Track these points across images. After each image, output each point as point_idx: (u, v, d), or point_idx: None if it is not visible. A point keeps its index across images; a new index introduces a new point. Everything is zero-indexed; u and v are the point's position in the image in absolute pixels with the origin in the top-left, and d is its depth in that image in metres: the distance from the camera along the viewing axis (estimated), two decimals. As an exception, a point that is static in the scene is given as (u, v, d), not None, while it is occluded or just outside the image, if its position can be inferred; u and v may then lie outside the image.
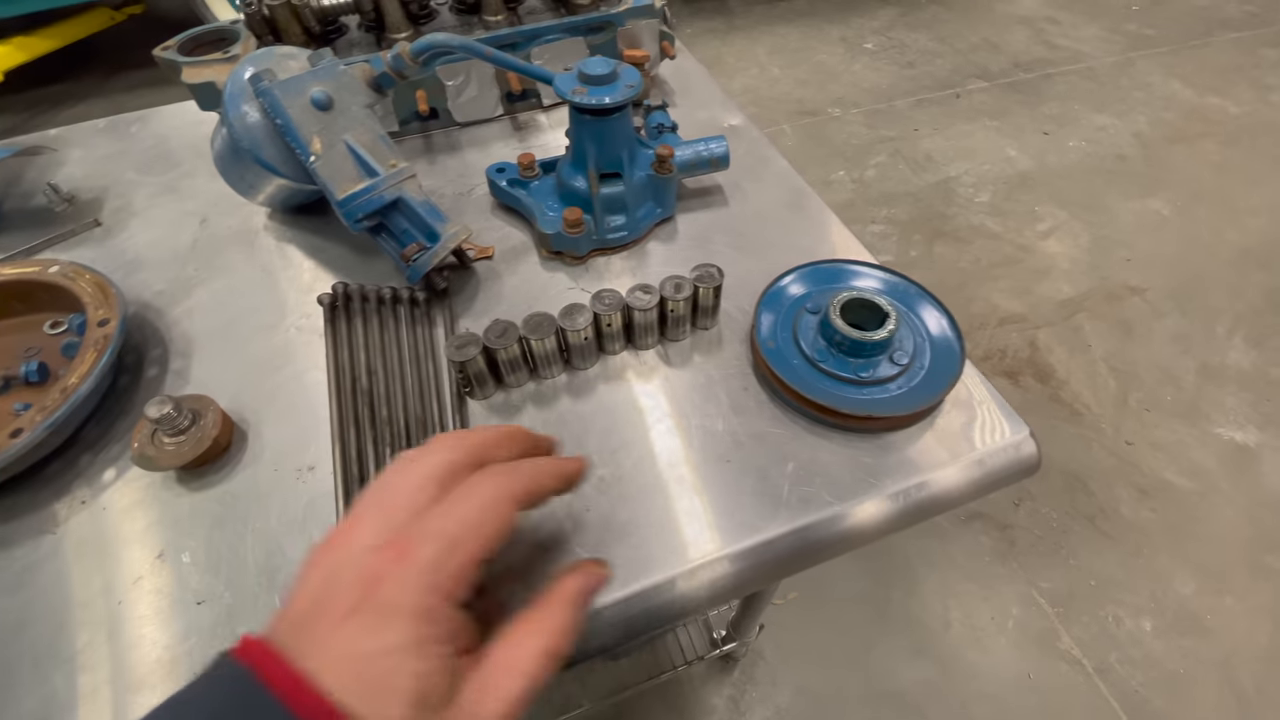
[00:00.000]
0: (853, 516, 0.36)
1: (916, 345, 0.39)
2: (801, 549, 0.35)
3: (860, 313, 0.39)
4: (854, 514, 0.36)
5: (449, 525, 0.22)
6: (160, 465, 0.37)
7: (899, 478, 0.36)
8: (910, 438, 0.38)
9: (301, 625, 0.21)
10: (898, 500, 0.36)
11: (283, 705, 0.18)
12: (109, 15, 2.46)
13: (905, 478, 0.36)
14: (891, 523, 0.36)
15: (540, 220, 0.48)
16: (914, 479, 0.36)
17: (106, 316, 0.43)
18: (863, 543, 0.36)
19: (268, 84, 0.39)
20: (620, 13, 0.58)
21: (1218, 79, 2.30)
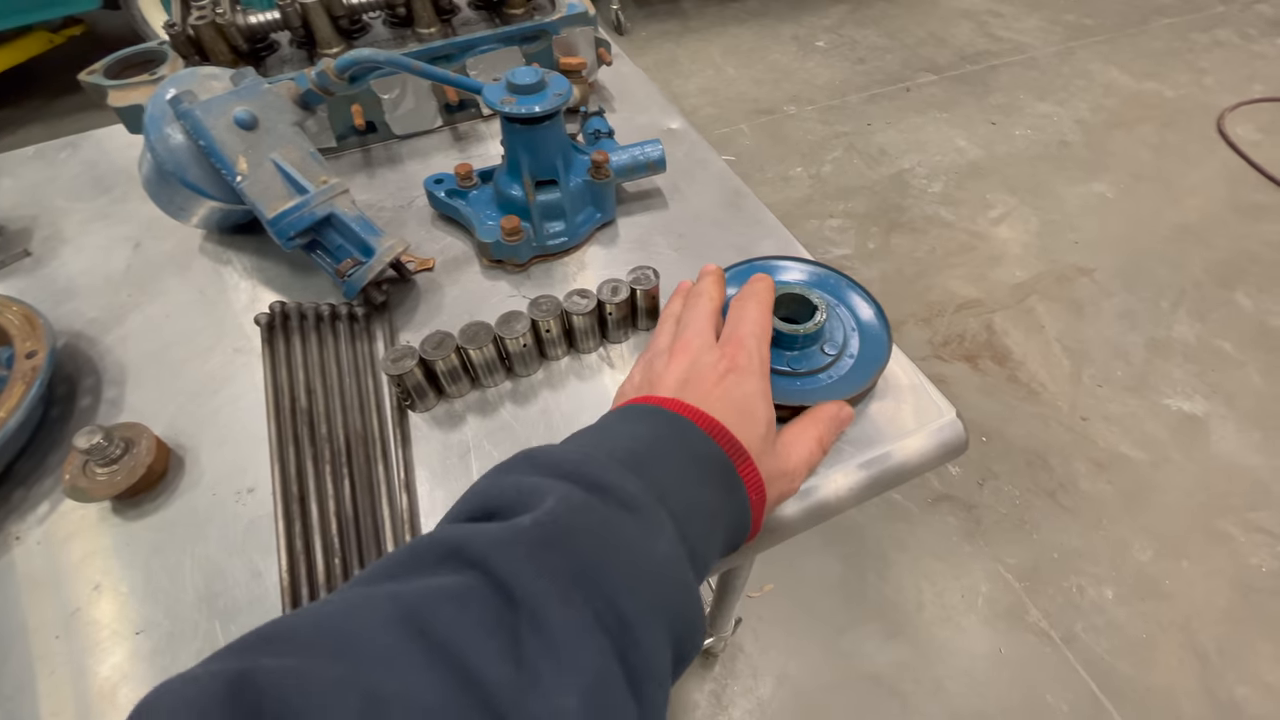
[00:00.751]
0: (816, 492, 0.37)
1: (845, 335, 0.40)
2: (770, 524, 0.36)
3: (792, 306, 0.40)
4: (819, 488, 0.37)
5: (752, 328, 0.34)
6: (94, 496, 0.36)
7: (854, 452, 0.38)
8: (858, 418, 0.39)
9: (682, 390, 0.31)
10: (859, 473, 0.37)
11: (692, 423, 0.29)
12: (48, 38, 2.39)
13: (831, 465, 0.38)
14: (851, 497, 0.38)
15: (479, 230, 0.48)
16: (845, 464, 0.38)
17: (34, 348, 0.42)
18: (825, 517, 0.37)
19: (188, 105, 0.39)
20: (554, 21, 0.58)
21: (1154, 64, 2.39)
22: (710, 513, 0.27)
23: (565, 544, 0.22)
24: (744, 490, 0.28)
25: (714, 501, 0.28)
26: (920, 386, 0.41)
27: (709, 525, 0.27)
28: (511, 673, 0.19)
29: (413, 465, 0.38)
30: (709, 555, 0.27)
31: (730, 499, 0.28)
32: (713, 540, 0.27)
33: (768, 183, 1.98)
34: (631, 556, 0.23)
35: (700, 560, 0.26)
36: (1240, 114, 2.13)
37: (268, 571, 0.34)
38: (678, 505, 0.26)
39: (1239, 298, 1.61)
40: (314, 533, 0.35)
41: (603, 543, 0.23)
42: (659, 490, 0.25)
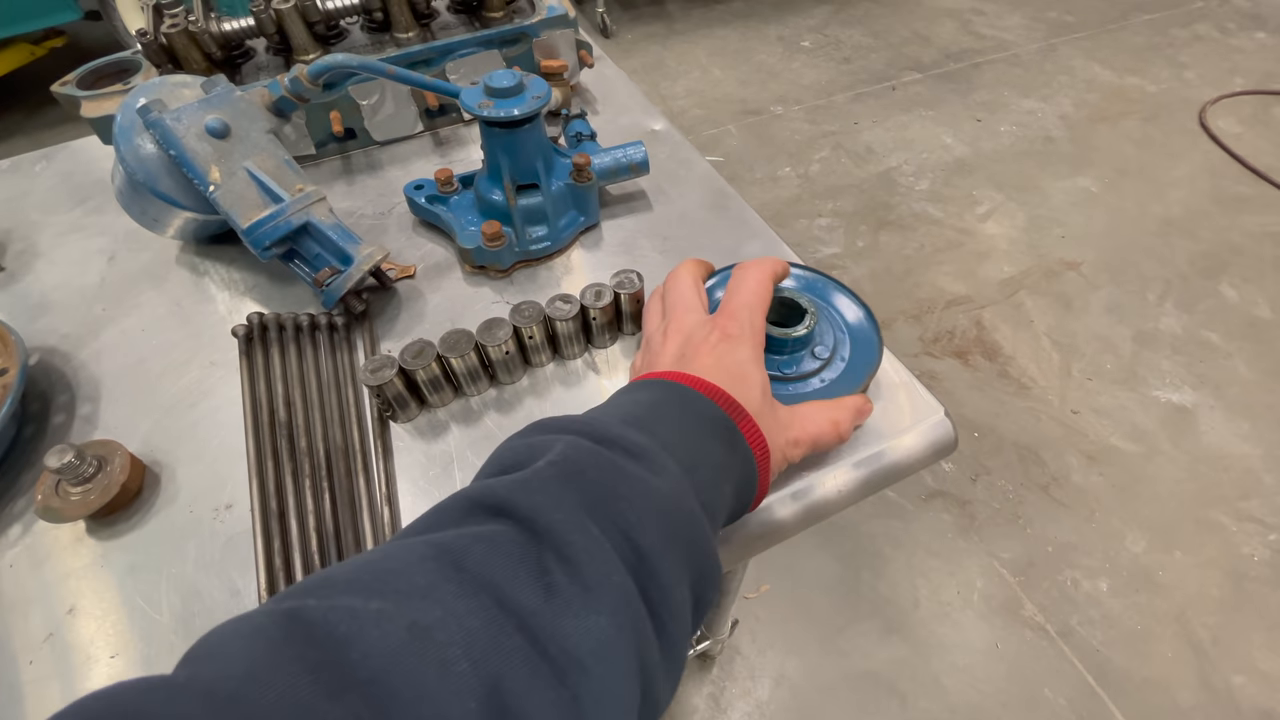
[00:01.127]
0: (809, 494, 0.37)
1: (836, 338, 0.40)
2: (768, 525, 0.36)
3: (781, 311, 0.39)
4: (811, 490, 0.36)
5: (746, 298, 0.34)
6: (66, 516, 0.35)
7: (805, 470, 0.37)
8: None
9: (679, 361, 0.33)
10: (800, 498, 0.37)
11: (693, 389, 0.30)
12: (29, 50, 2.36)
13: (825, 465, 0.37)
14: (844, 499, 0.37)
15: (460, 235, 0.47)
16: (839, 464, 0.37)
17: (5, 366, 0.41)
18: (822, 516, 0.37)
19: (157, 114, 0.38)
20: (534, 24, 0.58)
21: (1135, 60, 2.42)
22: (717, 464, 0.28)
23: (578, 480, 0.23)
24: (747, 446, 0.29)
25: (719, 456, 0.28)
26: (910, 385, 0.41)
27: (717, 476, 0.28)
28: (542, 597, 0.20)
29: (394, 477, 0.37)
30: (718, 506, 0.28)
31: (734, 455, 0.29)
32: (722, 493, 0.28)
33: (756, 183, 1.98)
34: (642, 494, 0.24)
35: (710, 509, 0.27)
36: (1221, 107, 2.15)
37: (246, 590, 0.34)
38: (684, 456, 0.27)
39: (1224, 289, 1.62)
40: (294, 549, 0.34)
41: (613, 481, 0.24)
42: (664, 443, 0.26)
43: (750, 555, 0.38)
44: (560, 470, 0.23)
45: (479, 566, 0.20)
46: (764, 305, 0.35)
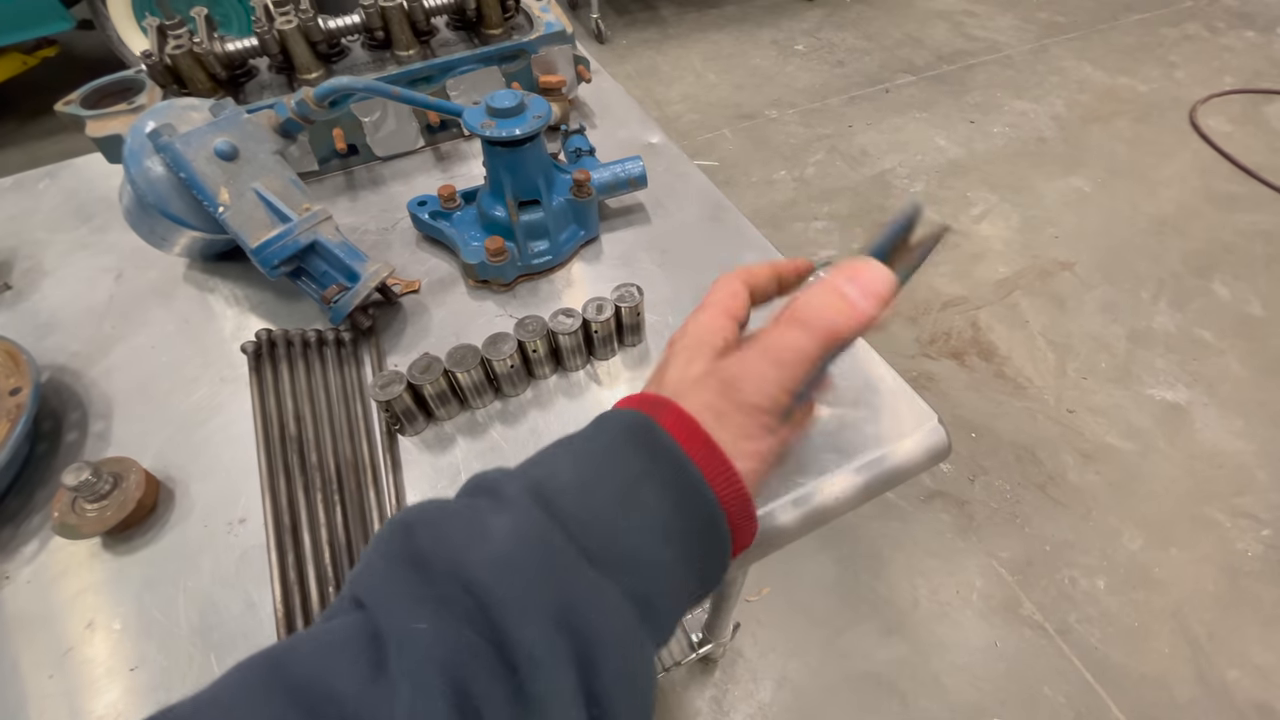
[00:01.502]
0: (809, 500, 0.37)
1: None
2: (768, 533, 0.37)
3: None
4: (811, 496, 0.37)
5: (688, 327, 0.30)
6: (83, 533, 0.36)
7: (805, 476, 0.38)
8: (824, 432, 0.40)
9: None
10: (855, 477, 0.38)
11: (617, 408, 0.26)
12: (21, 61, 2.36)
13: (826, 472, 0.38)
14: (843, 504, 0.38)
15: (464, 251, 0.48)
16: (839, 470, 0.38)
17: (18, 385, 0.41)
18: (823, 521, 0.38)
19: (168, 139, 0.39)
20: (533, 40, 0.59)
21: (1126, 59, 2.44)
22: (617, 480, 0.24)
23: (411, 546, 0.21)
24: (668, 439, 0.24)
25: (628, 468, 0.24)
26: (904, 391, 0.42)
27: (617, 492, 0.23)
28: (368, 685, 0.18)
29: (404, 490, 0.38)
30: (616, 531, 0.23)
31: (653, 463, 0.24)
32: (635, 507, 0.23)
33: (752, 187, 1.99)
34: (472, 535, 0.21)
35: (596, 536, 0.22)
36: (1211, 106, 2.17)
37: (262, 602, 0.35)
38: (553, 484, 0.23)
39: (1216, 287, 1.64)
40: (307, 562, 0.35)
41: (447, 531, 0.21)
42: (530, 474, 0.24)
43: (751, 562, 0.39)
44: (396, 548, 0.22)
45: (301, 666, 0.19)
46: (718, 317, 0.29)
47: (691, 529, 0.24)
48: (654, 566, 0.23)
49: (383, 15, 0.55)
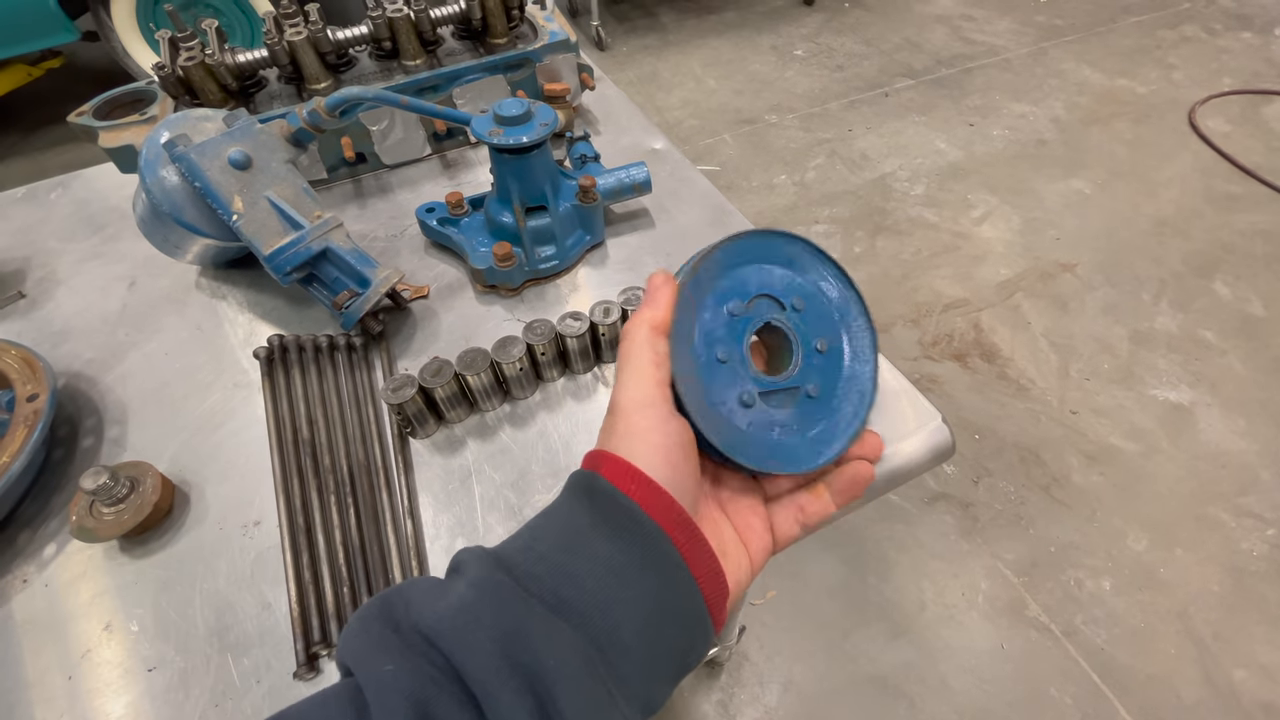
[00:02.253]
0: None
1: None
2: None
3: (774, 340, 0.33)
4: None
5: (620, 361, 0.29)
6: (101, 536, 0.37)
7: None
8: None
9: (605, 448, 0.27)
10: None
11: (604, 478, 0.25)
12: (26, 72, 2.39)
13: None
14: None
15: (472, 256, 0.49)
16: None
17: (35, 391, 0.42)
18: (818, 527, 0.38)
19: (183, 149, 0.40)
20: (537, 49, 0.59)
21: (1124, 62, 2.45)
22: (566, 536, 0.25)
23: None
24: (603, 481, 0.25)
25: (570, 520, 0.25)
26: (907, 392, 0.42)
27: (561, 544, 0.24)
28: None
29: (416, 492, 0.39)
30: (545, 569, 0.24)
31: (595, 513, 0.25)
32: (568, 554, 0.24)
33: (753, 191, 2.00)
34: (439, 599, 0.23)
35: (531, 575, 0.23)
36: (1210, 107, 2.18)
37: (278, 603, 0.35)
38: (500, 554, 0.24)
39: (1217, 287, 1.64)
40: (322, 563, 0.35)
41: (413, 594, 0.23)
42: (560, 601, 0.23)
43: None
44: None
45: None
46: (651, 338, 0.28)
47: (638, 559, 0.24)
48: (608, 604, 0.23)
49: (390, 26, 0.56)
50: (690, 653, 0.25)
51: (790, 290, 0.33)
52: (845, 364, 0.33)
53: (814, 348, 0.32)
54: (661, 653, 0.24)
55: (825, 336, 0.33)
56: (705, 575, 0.25)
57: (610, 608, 0.23)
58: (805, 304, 0.33)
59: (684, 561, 0.24)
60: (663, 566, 0.24)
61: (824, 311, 0.33)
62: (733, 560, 0.28)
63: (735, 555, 0.29)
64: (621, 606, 0.23)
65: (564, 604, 0.23)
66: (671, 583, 0.24)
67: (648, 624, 0.23)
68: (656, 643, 0.24)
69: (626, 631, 0.23)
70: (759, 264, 0.32)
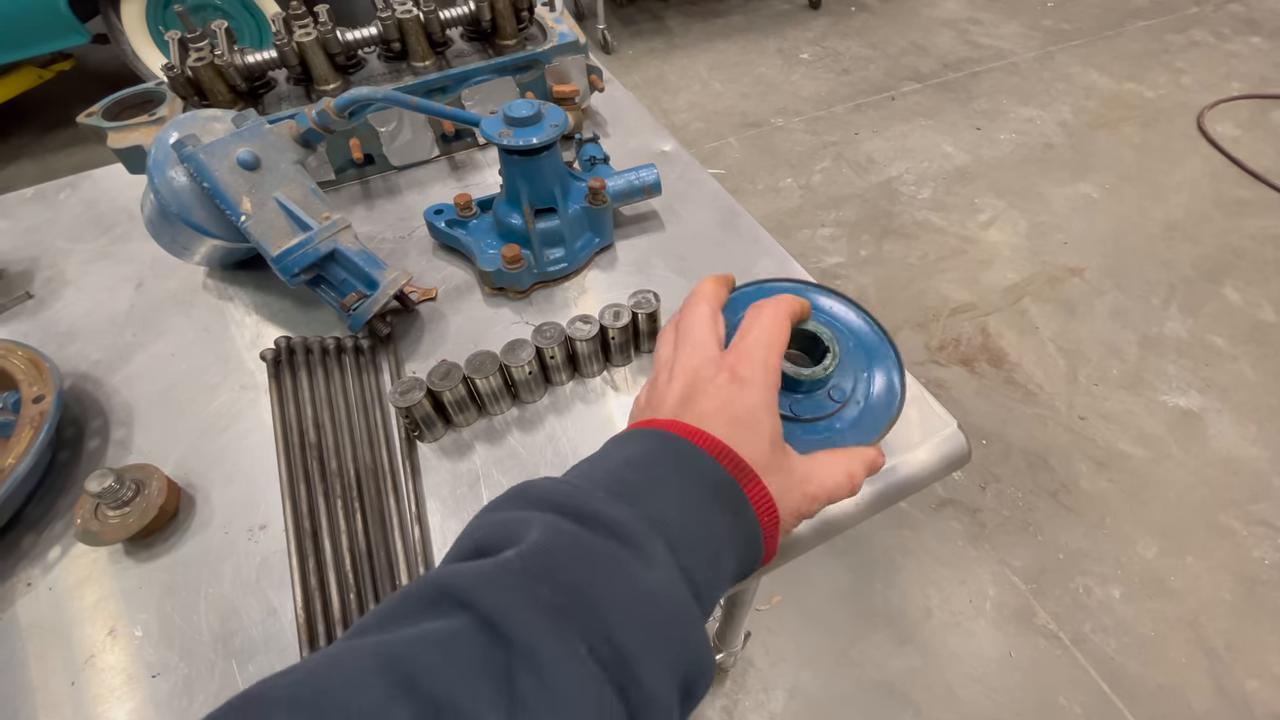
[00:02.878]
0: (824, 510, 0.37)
1: (856, 378, 0.36)
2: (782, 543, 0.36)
3: (802, 342, 0.36)
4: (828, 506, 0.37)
5: (760, 334, 0.31)
6: (106, 540, 0.36)
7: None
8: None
9: (682, 408, 0.30)
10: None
11: (690, 442, 0.27)
12: (36, 74, 2.40)
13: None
14: (859, 513, 0.38)
15: (480, 258, 0.48)
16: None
17: (41, 393, 0.42)
18: (835, 532, 0.38)
19: (192, 149, 0.39)
20: (546, 50, 0.59)
21: (1132, 66, 2.44)
22: (714, 538, 0.26)
23: (553, 576, 0.21)
24: (751, 511, 0.27)
25: (719, 525, 0.26)
26: (921, 398, 0.42)
27: (716, 550, 0.26)
28: (505, 714, 0.18)
29: (424, 497, 0.38)
30: (716, 584, 0.26)
31: (737, 521, 0.27)
32: (720, 568, 0.26)
33: (759, 194, 2.00)
34: (625, 587, 0.22)
35: (705, 589, 0.25)
36: (1219, 111, 2.17)
37: (283, 609, 0.35)
38: (676, 532, 0.25)
39: (1227, 292, 1.63)
40: (328, 568, 0.35)
41: (592, 573, 0.22)
42: (653, 517, 0.24)
43: (764, 573, 0.39)
44: (533, 564, 0.21)
45: (434, 682, 0.18)
46: (780, 345, 0.32)
47: (746, 539, 0.27)
48: (688, 526, 0.25)
49: (399, 27, 0.55)
50: (741, 572, 0.28)
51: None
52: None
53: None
54: (723, 573, 0.26)
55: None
56: (769, 527, 0.28)
57: (691, 532, 0.25)
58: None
59: (760, 525, 0.27)
60: (753, 540, 0.27)
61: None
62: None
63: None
64: (705, 541, 0.26)
65: (651, 517, 0.25)
66: (751, 543, 0.27)
67: (717, 553, 0.26)
68: (721, 566, 0.26)
69: (673, 511, 0.25)
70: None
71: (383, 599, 0.34)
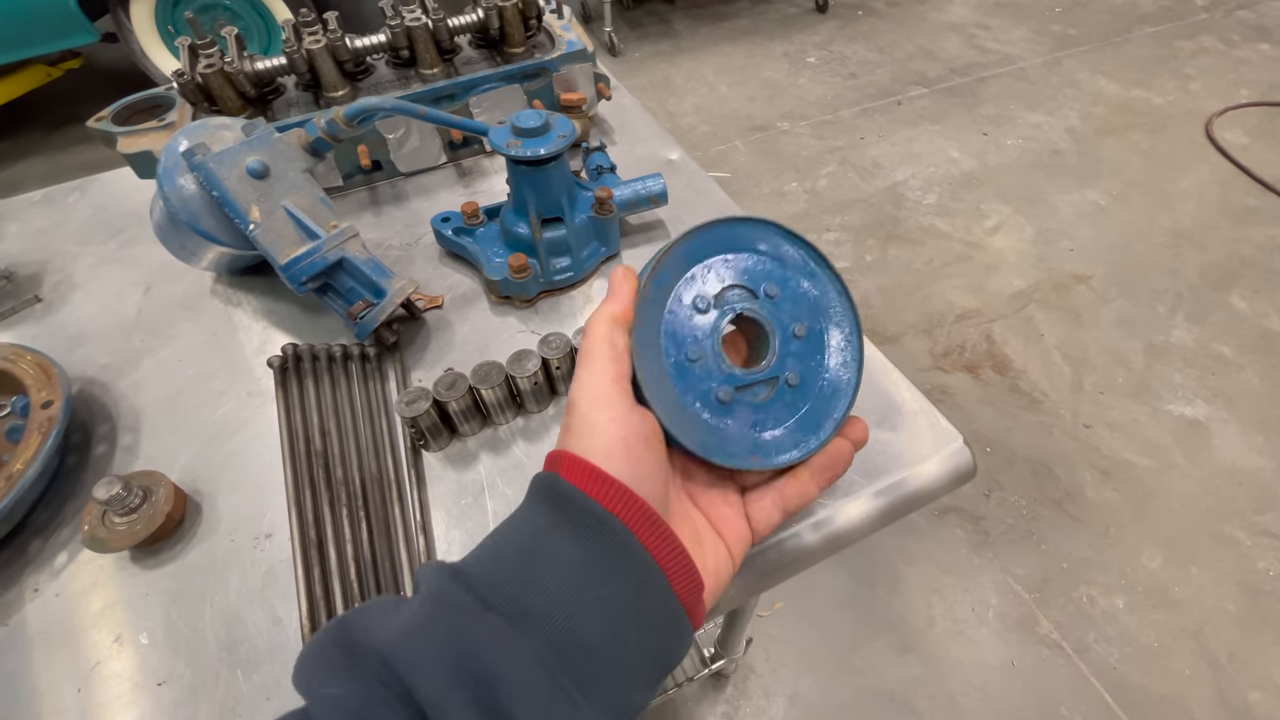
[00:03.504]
0: (835, 521, 0.38)
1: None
2: (787, 556, 0.37)
3: (751, 335, 0.33)
4: (836, 519, 0.37)
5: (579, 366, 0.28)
6: (112, 546, 0.37)
7: (868, 481, 0.38)
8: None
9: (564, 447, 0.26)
10: (875, 500, 0.38)
11: (563, 478, 0.25)
12: (45, 72, 2.42)
13: (872, 482, 0.38)
14: (865, 527, 0.38)
15: (487, 267, 0.49)
16: (880, 482, 0.38)
17: (50, 398, 0.42)
18: (843, 545, 0.38)
19: (202, 158, 0.39)
20: (554, 59, 0.59)
21: (1140, 72, 2.43)
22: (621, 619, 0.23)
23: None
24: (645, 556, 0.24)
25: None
26: (928, 412, 0.42)
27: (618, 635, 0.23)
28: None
29: (429, 506, 0.38)
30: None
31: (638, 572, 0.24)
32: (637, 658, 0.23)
33: (764, 198, 2.00)
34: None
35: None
36: (1228, 119, 2.16)
37: (288, 618, 0.35)
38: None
39: (1235, 301, 1.62)
40: (333, 577, 0.35)
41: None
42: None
43: (771, 585, 0.39)
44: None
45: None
46: (613, 333, 0.27)
47: (602, 558, 0.23)
48: (572, 608, 0.22)
49: (408, 34, 0.56)
50: (668, 652, 0.25)
51: (762, 277, 0.31)
52: (828, 349, 0.32)
53: (791, 334, 0.31)
54: (634, 654, 0.23)
55: (803, 321, 0.31)
56: (676, 570, 0.25)
57: (574, 611, 0.22)
58: (780, 290, 0.31)
59: (651, 557, 0.24)
60: (628, 563, 0.24)
61: (800, 296, 0.32)
62: (709, 551, 0.28)
63: (712, 546, 0.28)
64: (587, 609, 0.22)
65: (524, 612, 0.22)
66: (640, 580, 0.24)
67: (616, 625, 0.23)
68: (628, 644, 0.23)
69: (593, 634, 0.22)
70: (726, 254, 0.31)
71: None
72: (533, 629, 0.22)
